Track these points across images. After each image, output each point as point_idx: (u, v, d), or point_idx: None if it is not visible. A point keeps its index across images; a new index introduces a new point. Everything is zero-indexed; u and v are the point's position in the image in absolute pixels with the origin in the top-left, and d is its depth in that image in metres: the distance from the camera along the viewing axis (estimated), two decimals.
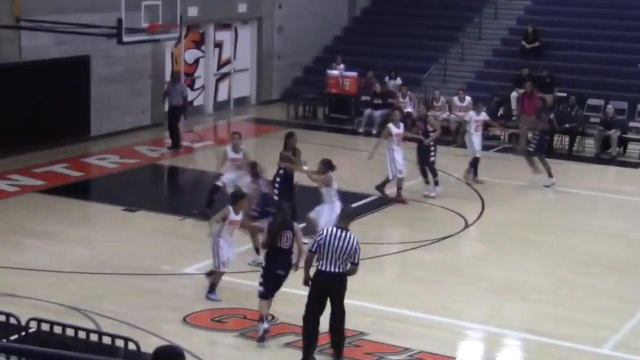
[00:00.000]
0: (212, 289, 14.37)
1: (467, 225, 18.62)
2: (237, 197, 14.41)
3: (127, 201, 19.59)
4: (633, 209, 20.66)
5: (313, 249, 12.20)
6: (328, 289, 12.28)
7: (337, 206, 15.91)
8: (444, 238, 17.74)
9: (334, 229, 12.21)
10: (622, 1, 32.27)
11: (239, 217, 14.27)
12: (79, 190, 20.64)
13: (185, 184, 23.36)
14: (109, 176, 21.74)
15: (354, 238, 12.17)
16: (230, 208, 14.16)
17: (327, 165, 16.37)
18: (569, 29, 31.33)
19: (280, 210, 13.64)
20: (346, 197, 19.48)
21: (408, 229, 18.72)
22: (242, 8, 29.68)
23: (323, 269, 12.14)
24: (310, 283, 12.38)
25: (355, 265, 12.22)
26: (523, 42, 30.13)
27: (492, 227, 18.71)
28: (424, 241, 17.42)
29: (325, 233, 12.17)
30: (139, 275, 15.23)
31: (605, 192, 21.90)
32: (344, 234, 12.13)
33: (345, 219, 12.46)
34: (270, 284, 13.00)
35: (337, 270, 12.12)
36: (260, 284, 13.05)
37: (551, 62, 29.18)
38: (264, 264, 13.26)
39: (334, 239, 12.06)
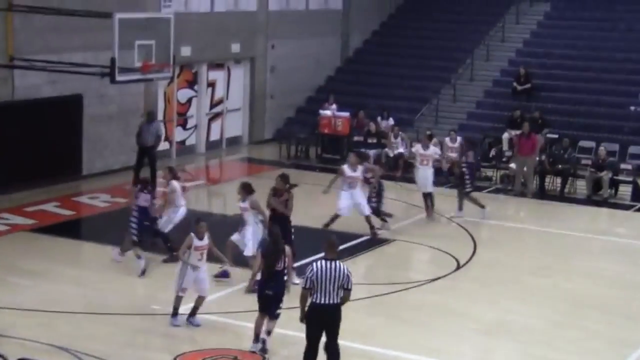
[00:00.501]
0: (174, 313, 14.71)
1: (459, 266, 18.58)
2: (195, 222, 14.94)
3: (118, 241, 19.52)
4: (625, 251, 20.65)
5: (307, 286, 12.27)
6: (325, 320, 12.36)
7: (261, 228, 16.70)
8: (435, 279, 17.70)
9: (324, 262, 12.29)
10: (614, 43, 32.53)
11: (204, 242, 14.66)
12: (70, 229, 20.56)
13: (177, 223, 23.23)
14: (101, 215, 21.66)
15: (343, 266, 12.37)
16: (192, 235, 14.58)
17: (247, 189, 16.82)
18: (560, 70, 31.53)
19: (272, 235, 14.11)
20: (338, 238, 19.46)
21: (399, 269, 18.66)
22: (236, 48, 29.79)
23: (318, 301, 12.23)
24: (305, 320, 12.40)
25: (348, 291, 12.38)
26: (515, 84, 30.27)
27: (484, 268, 18.66)
28: (416, 282, 17.37)
29: (315, 268, 12.23)
30: (129, 315, 15.15)
31: (597, 234, 21.88)
32: (333, 265, 12.27)
33: (331, 249, 12.55)
34: (261, 303, 13.63)
35: (332, 301, 12.25)
36: None
37: (542, 104, 29.30)
38: (257, 286, 13.95)
39: (326, 271, 12.19)
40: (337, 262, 12.32)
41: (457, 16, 35.81)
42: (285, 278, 13.76)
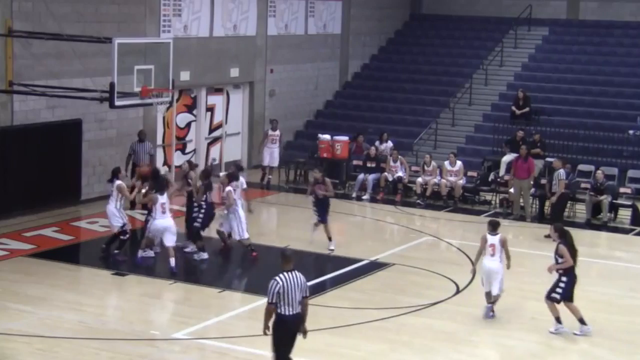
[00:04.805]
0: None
1: (458, 291, 18.55)
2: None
3: (117, 265, 19.51)
4: (624, 275, 20.62)
5: (273, 300, 12.45)
6: (294, 331, 12.61)
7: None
8: (435, 303, 17.65)
9: (286, 274, 12.51)
10: (612, 67, 32.62)
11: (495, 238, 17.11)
12: (69, 254, 20.53)
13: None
14: (100, 240, 21.61)
15: (301, 276, 12.63)
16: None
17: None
18: (559, 94, 31.61)
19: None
20: (337, 262, 19.50)
21: (399, 293, 18.58)
22: (234, 73, 29.85)
23: (287, 313, 12.45)
24: (270, 331, 12.60)
25: (306, 298, 12.67)
26: (513, 108, 30.30)
27: (483, 292, 18.58)
28: (416, 306, 17.33)
29: (281, 281, 12.43)
30: (127, 340, 15.11)
31: (596, 258, 21.83)
32: (295, 276, 12.53)
33: (289, 261, 12.71)
34: None
35: (297, 311, 12.52)
36: None
37: (541, 128, 29.30)
38: None
39: (291, 284, 12.43)
40: (296, 272, 12.60)
41: (455, 41, 35.95)
42: None
